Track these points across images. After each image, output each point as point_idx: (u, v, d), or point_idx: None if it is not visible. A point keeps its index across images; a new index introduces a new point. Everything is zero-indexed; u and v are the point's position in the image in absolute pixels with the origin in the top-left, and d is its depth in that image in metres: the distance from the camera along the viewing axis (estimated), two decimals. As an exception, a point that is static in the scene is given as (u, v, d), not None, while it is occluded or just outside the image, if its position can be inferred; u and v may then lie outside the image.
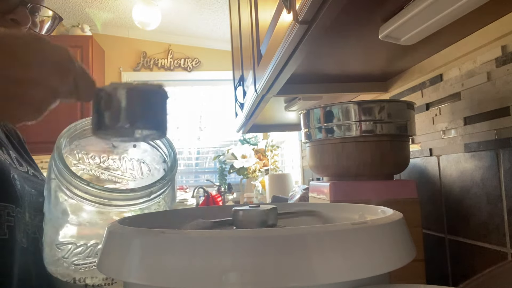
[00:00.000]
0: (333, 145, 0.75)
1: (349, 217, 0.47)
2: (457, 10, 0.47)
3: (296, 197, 1.31)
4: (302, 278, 0.27)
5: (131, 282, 0.31)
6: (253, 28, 0.94)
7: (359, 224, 0.30)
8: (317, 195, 0.80)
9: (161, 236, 0.30)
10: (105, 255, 0.34)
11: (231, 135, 3.41)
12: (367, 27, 0.62)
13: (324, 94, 1.01)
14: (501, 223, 0.66)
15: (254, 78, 0.94)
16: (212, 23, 3.04)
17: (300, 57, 0.64)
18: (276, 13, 0.66)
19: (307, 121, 0.80)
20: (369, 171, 0.74)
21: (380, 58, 0.83)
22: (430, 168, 0.86)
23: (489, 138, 0.68)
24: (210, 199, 2.77)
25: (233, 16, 1.48)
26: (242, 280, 0.27)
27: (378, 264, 0.30)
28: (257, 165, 2.94)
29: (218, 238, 0.28)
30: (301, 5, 0.48)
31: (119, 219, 0.41)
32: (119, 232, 0.33)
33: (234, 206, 0.47)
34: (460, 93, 0.76)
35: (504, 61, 0.65)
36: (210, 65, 3.40)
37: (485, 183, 0.69)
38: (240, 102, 1.30)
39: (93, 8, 2.92)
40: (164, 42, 3.38)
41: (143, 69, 3.37)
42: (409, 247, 0.34)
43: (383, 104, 0.73)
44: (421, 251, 0.69)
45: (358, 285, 0.29)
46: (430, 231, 0.86)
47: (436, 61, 0.79)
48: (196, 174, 3.50)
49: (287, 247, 0.28)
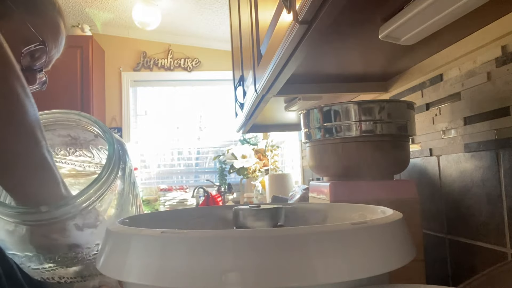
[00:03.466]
0: (333, 145, 0.75)
1: (349, 217, 0.47)
2: (457, 10, 0.47)
3: (296, 197, 1.31)
4: (302, 278, 0.27)
5: (131, 282, 0.30)
6: (253, 28, 0.94)
7: (359, 224, 0.30)
8: (317, 195, 0.80)
9: (161, 236, 0.30)
10: (105, 255, 0.34)
11: (231, 135, 3.41)
12: (367, 27, 0.62)
13: (324, 94, 1.01)
14: (501, 223, 0.66)
15: (254, 78, 0.94)
16: (212, 23, 3.04)
17: (300, 57, 0.64)
18: (276, 13, 0.66)
19: (307, 121, 0.80)
20: (369, 171, 0.74)
21: (380, 58, 0.83)
22: (430, 168, 0.86)
23: (489, 138, 0.68)
24: (210, 199, 2.77)
25: (233, 16, 1.48)
26: (242, 280, 0.27)
27: (378, 264, 0.30)
28: (257, 165, 2.94)
29: (218, 238, 0.28)
30: (301, 5, 0.48)
31: (120, 220, 0.41)
32: (119, 232, 0.33)
33: (234, 206, 0.47)
34: (460, 93, 0.76)
35: (504, 61, 0.65)
36: (210, 65, 3.40)
37: (485, 183, 0.69)
38: (240, 102, 1.30)
39: (93, 8, 2.92)
40: (164, 42, 3.38)
41: (143, 69, 3.37)
42: (409, 247, 0.34)
43: (383, 104, 0.73)
44: (421, 251, 0.69)
45: (358, 285, 0.29)
46: (430, 231, 0.86)
47: (436, 61, 0.79)
48: (196, 174, 3.50)
49: (287, 247, 0.28)
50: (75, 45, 2.90)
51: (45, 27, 0.69)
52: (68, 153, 0.63)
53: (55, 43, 0.71)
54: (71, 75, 2.89)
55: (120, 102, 3.34)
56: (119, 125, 3.31)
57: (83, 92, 2.94)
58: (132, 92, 3.43)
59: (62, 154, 0.63)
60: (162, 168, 3.46)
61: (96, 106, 3.03)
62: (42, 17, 0.68)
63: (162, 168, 3.45)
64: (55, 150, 0.63)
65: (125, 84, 3.35)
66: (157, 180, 3.40)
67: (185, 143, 3.48)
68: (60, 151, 0.63)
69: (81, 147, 0.64)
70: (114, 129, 3.29)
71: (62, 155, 0.63)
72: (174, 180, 3.45)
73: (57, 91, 2.82)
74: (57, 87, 2.79)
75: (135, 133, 3.40)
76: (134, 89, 3.44)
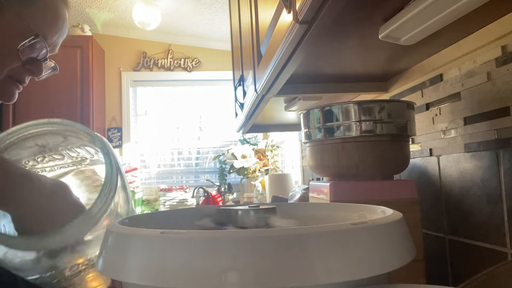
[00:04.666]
0: (333, 145, 0.75)
1: (349, 217, 0.47)
2: (457, 10, 0.47)
3: (296, 197, 1.31)
4: (302, 278, 0.27)
5: (131, 282, 0.30)
6: (253, 28, 0.94)
7: (359, 224, 0.30)
8: (317, 195, 0.80)
9: (161, 236, 0.30)
10: (105, 255, 0.34)
11: (231, 135, 3.41)
12: (367, 27, 0.62)
13: (324, 94, 1.01)
14: (501, 223, 0.66)
15: (254, 78, 0.94)
16: (212, 23, 3.04)
17: (300, 57, 0.64)
18: (276, 13, 0.66)
19: (307, 121, 0.80)
20: (369, 171, 0.74)
21: (380, 58, 0.83)
22: (430, 168, 0.86)
23: (489, 138, 0.68)
24: (210, 199, 2.77)
25: (233, 16, 1.48)
26: (242, 280, 0.27)
27: (378, 264, 0.30)
28: (257, 165, 2.94)
29: (218, 238, 0.28)
30: (301, 5, 0.48)
31: (120, 220, 0.41)
32: (119, 232, 0.33)
33: (234, 206, 0.47)
34: (460, 93, 0.76)
35: (504, 61, 0.65)
36: (210, 65, 3.40)
37: (485, 183, 0.69)
38: (240, 102, 1.30)
39: (93, 8, 2.92)
40: (164, 42, 3.38)
41: (143, 69, 3.37)
42: (409, 247, 0.34)
43: (383, 104, 0.73)
44: (421, 251, 0.69)
45: (358, 285, 0.29)
46: (430, 231, 0.86)
47: (436, 61, 0.79)
48: (196, 174, 3.50)
49: (287, 247, 0.28)
50: (75, 45, 2.89)
51: (41, 15, 0.66)
52: (37, 162, 0.63)
53: (54, 28, 0.68)
54: (71, 75, 2.89)
55: (120, 102, 3.34)
56: (119, 125, 3.31)
57: (83, 92, 2.94)
58: (132, 92, 3.43)
59: (31, 165, 0.62)
60: (162, 168, 3.46)
61: (96, 106, 3.03)
62: (36, 5, 0.66)
63: (162, 168, 3.45)
64: (22, 164, 0.61)
65: (125, 84, 3.35)
66: (157, 180, 3.40)
67: (185, 143, 3.48)
68: (28, 163, 0.62)
69: (49, 152, 0.63)
70: (114, 129, 3.29)
71: (30, 166, 0.62)
72: (174, 180, 3.45)
73: (57, 91, 2.82)
74: (57, 87, 2.79)
75: (135, 133, 3.40)
76: (134, 89, 3.44)
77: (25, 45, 0.64)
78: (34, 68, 0.68)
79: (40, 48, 0.67)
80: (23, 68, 0.67)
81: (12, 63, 0.65)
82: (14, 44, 0.63)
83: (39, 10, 0.66)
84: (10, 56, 0.64)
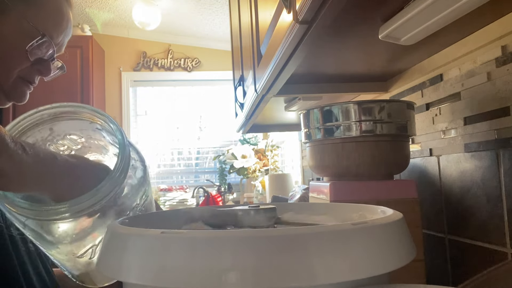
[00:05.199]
0: (333, 145, 0.75)
1: (349, 217, 0.47)
2: (457, 10, 0.47)
3: (296, 197, 1.31)
4: (302, 278, 0.27)
5: (131, 282, 0.30)
6: (253, 28, 0.94)
7: (359, 224, 0.30)
8: (317, 195, 0.80)
9: (161, 236, 0.30)
10: (105, 255, 0.34)
11: (231, 135, 3.41)
12: (367, 27, 0.62)
13: (324, 94, 1.01)
14: (501, 223, 0.66)
15: (254, 78, 0.94)
16: (212, 23, 3.04)
17: (300, 57, 0.64)
18: (276, 13, 0.66)
19: (307, 121, 0.80)
20: (369, 171, 0.74)
21: (380, 58, 0.83)
22: (430, 168, 0.86)
23: (489, 138, 0.68)
24: (210, 199, 2.77)
25: (233, 16, 1.48)
26: (242, 280, 0.27)
27: (378, 264, 0.30)
28: (257, 165, 2.94)
29: (218, 238, 0.28)
30: (301, 5, 0.48)
31: (119, 220, 0.41)
32: (119, 232, 0.33)
33: (233, 206, 0.47)
34: (460, 93, 0.76)
35: (504, 61, 0.65)
36: (210, 65, 3.40)
37: (485, 183, 0.69)
38: (240, 102, 1.30)
39: (93, 8, 2.92)
40: (164, 42, 3.37)
41: (143, 69, 3.37)
42: (409, 247, 0.34)
43: (383, 104, 0.73)
44: (421, 251, 0.69)
45: (358, 285, 0.29)
46: (430, 231, 0.86)
47: (436, 61, 0.79)
48: (196, 174, 3.50)
49: (287, 247, 0.28)
50: (75, 45, 2.89)
51: (46, 15, 0.67)
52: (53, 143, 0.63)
53: (60, 28, 0.70)
54: (71, 75, 2.89)
55: (120, 102, 3.34)
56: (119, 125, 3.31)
57: (83, 92, 2.94)
58: (132, 92, 3.43)
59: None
60: (162, 168, 3.46)
61: (96, 106, 3.01)
62: (40, 6, 0.67)
63: (162, 168, 3.45)
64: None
65: (125, 84, 3.35)
66: (157, 180, 3.40)
67: (185, 143, 3.48)
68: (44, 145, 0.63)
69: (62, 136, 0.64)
70: (114, 129, 3.29)
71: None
72: (174, 180, 3.45)
73: (57, 91, 2.82)
74: (57, 87, 2.79)
75: (135, 133, 3.40)
76: (134, 89, 3.44)
77: (33, 45, 0.65)
78: (43, 68, 0.70)
79: (47, 48, 0.68)
80: (32, 69, 0.69)
81: (22, 64, 0.66)
82: (22, 45, 0.64)
83: (44, 10, 0.67)
84: (19, 57, 0.66)
